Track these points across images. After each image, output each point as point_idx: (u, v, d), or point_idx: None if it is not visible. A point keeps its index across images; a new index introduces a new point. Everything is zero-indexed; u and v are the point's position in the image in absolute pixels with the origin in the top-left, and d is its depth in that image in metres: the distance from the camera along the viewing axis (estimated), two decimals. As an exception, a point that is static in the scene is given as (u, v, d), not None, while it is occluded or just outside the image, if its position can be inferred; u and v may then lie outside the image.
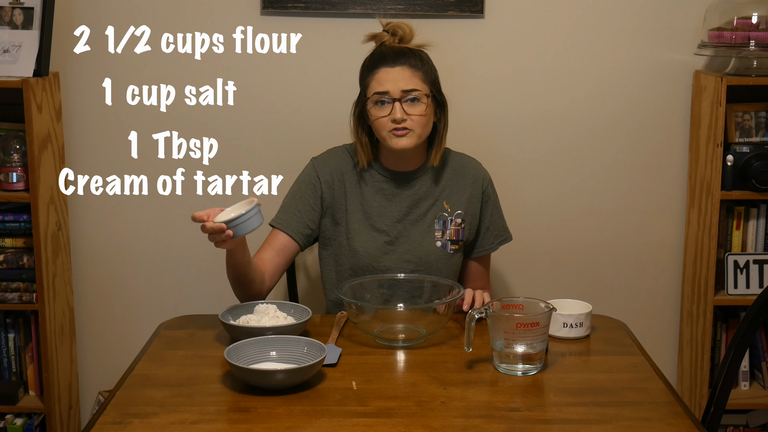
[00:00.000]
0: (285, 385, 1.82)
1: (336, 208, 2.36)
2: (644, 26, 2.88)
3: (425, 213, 2.36)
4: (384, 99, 2.25)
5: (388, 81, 2.25)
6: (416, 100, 2.25)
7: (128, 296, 3.02)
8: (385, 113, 2.25)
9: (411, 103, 2.25)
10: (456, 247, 2.38)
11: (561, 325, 2.10)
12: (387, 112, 2.25)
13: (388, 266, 2.33)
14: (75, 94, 2.89)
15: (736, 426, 2.93)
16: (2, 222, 2.74)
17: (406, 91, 2.24)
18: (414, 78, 2.26)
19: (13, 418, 2.82)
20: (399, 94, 2.24)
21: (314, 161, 2.41)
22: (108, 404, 1.79)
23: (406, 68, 2.26)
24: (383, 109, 2.26)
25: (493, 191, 2.44)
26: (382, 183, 2.36)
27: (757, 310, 2.07)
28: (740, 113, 2.82)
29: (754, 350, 2.90)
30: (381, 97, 2.25)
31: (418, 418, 1.72)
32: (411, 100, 2.24)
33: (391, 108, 2.24)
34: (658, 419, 1.74)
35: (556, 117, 2.93)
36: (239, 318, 2.10)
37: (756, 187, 2.73)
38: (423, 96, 2.26)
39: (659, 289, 3.04)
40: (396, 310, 2.15)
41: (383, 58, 2.28)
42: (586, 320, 2.12)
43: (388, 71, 2.25)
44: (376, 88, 2.26)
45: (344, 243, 2.35)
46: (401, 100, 2.24)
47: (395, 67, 2.26)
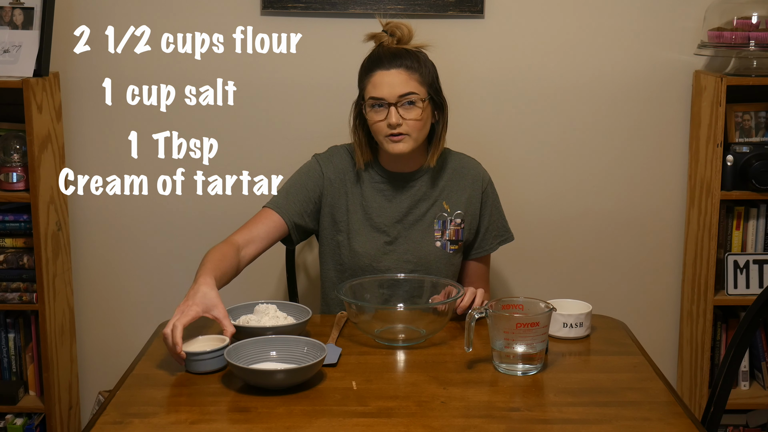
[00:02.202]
0: (285, 385, 1.82)
1: (336, 207, 2.36)
2: (644, 26, 2.88)
3: (425, 213, 2.36)
4: (380, 103, 2.24)
5: (384, 85, 2.23)
6: (412, 104, 2.24)
7: (128, 296, 3.02)
8: (381, 117, 2.25)
9: (407, 107, 2.23)
10: (456, 248, 2.38)
11: (561, 325, 2.10)
12: (383, 116, 2.24)
13: (388, 266, 2.33)
14: (75, 94, 2.89)
15: (736, 426, 2.93)
16: (2, 222, 2.74)
17: (401, 95, 2.23)
18: (410, 81, 2.24)
19: (13, 418, 2.82)
20: (394, 98, 2.22)
21: (318, 157, 2.40)
22: (108, 404, 1.79)
23: (402, 71, 2.24)
24: (379, 114, 2.25)
25: (492, 191, 2.43)
26: (382, 184, 2.36)
27: (757, 310, 2.07)
28: (740, 113, 2.82)
29: (754, 350, 2.90)
30: (377, 102, 2.24)
31: (418, 418, 1.72)
32: (408, 104, 2.23)
33: (387, 113, 2.24)
34: (658, 419, 1.74)
35: (556, 117, 2.93)
36: (239, 318, 2.10)
37: (756, 187, 2.73)
38: (419, 100, 2.24)
39: (659, 289, 3.04)
40: (396, 310, 2.15)
41: (379, 61, 2.26)
42: (586, 320, 2.12)
43: (384, 74, 2.24)
44: (371, 93, 2.25)
45: (344, 243, 2.35)
46: (397, 104, 2.23)
47: (391, 69, 2.24)
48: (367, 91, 2.26)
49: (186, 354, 1.91)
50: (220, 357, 1.91)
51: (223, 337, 1.96)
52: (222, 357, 1.90)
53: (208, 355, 1.91)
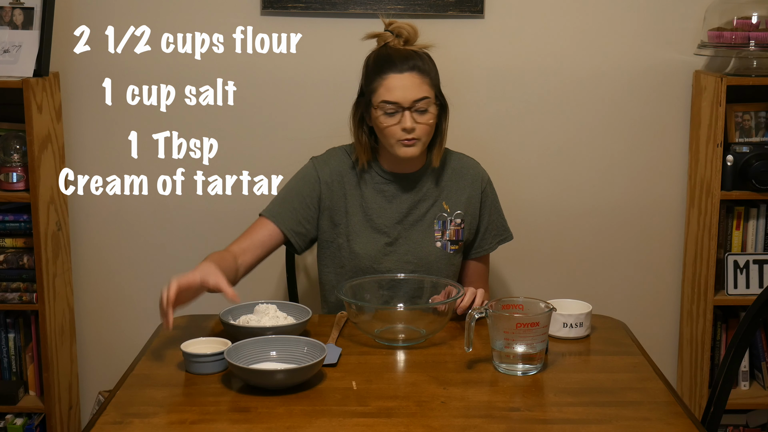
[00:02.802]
0: (285, 385, 1.82)
1: (335, 210, 2.35)
2: (644, 26, 2.88)
3: (425, 214, 2.36)
4: (394, 109, 2.22)
5: (398, 89, 2.21)
6: (425, 109, 2.23)
7: (128, 296, 3.02)
8: (394, 122, 2.22)
9: (420, 113, 2.22)
10: (456, 248, 2.38)
11: (561, 325, 2.10)
12: (396, 120, 2.22)
13: (389, 267, 2.33)
14: (75, 94, 2.89)
15: (736, 426, 2.93)
16: (2, 222, 2.74)
17: (416, 100, 2.21)
18: (423, 85, 2.22)
19: (13, 418, 2.82)
20: (409, 103, 2.20)
21: (314, 160, 2.39)
22: (108, 404, 1.79)
23: (415, 74, 2.22)
24: (393, 118, 2.22)
25: (492, 191, 2.43)
26: (383, 185, 2.35)
27: (757, 310, 2.07)
28: (740, 113, 2.82)
29: (754, 350, 2.90)
30: (390, 108, 2.22)
31: (418, 418, 1.72)
32: (419, 110, 2.22)
33: (400, 117, 2.22)
34: (658, 419, 1.74)
35: (556, 117, 2.93)
36: (239, 318, 2.10)
37: (756, 187, 2.73)
38: (431, 104, 2.24)
39: (659, 289, 3.04)
40: (396, 310, 2.15)
41: (391, 63, 2.23)
42: (586, 320, 2.12)
43: (398, 78, 2.21)
44: (385, 96, 2.22)
45: (344, 245, 2.35)
46: (411, 109, 2.22)
47: (404, 73, 2.22)
48: (379, 94, 2.23)
49: (186, 354, 1.91)
50: (221, 360, 1.91)
51: (225, 341, 1.96)
52: (223, 360, 1.90)
53: (209, 358, 1.91)
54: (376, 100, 2.24)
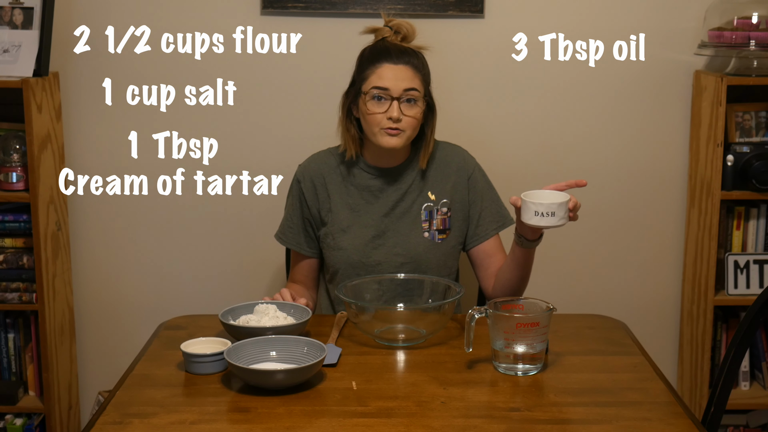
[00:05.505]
0: (285, 385, 1.82)
1: (322, 211, 2.36)
2: (644, 26, 2.88)
3: (411, 205, 2.35)
4: (383, 95, 2.24)
5: (390, 78, 2.24)
6: (413, 101, 2.25)
7: (128, 296, 3.02)
8: (382, 109, 2.24)
9: (408, 104, 2.24)
10: (444, 236, 2.37)
11: (533, 213, 1.99)
12: (384, 108, 2.24)
13: (378, 261, 2.33)
14: (75, 94, 2.89)
15: (736, 426, 2.92)
16: (2, 222, 2.74)
17: (406, 90, 2.23)
18: (415, 79, 2.25)
19: (13, 418, 2.82)
20: (399, 92, 2.23)
21: (297, 172, 2.42)
22: (108, 404, 1.79)
23: (409, 68, 2.25)
24: (380, 105, 2.24)
25: (481, 177, 2.41)
26: (368, 180, 2.36)
27: (758, 310, 2.07)
28: (740, 113, 2.82)
29: (754, 350, 2.90)
30: (380, 93, 2.24)
31: (418, 418, 1.72)
32: (408, 101, 2.24)
33: (388, 105, 2.24)
34: (658, 419, 1.74)
35: (556, 117, 2.93)
36: (239, 318, 2.10)
37: (756, 187, 2.73)
38: (420, 98, 2.26)
39: (659, 289, 3.04)
40: (396, 310, 2.15)
41: (387, 53, 2.26)
42: (558, 210, 1.98)
43: (392, 68, 2.24)
44: (376, 83, 2.24)
45: (331, 243, 2.35)
46: (400, 99, 2.23)
47: (399, 64, 2.25)
48: (370, 81, 2.25)
49: (186, 354, 1.92)
50: (221, 360, 1.91)
51: (225, 341, 1.96)
52: (223, 360, 1.90)
53: (209, 358, 1.91)
54: (367, 87, 2.26)
